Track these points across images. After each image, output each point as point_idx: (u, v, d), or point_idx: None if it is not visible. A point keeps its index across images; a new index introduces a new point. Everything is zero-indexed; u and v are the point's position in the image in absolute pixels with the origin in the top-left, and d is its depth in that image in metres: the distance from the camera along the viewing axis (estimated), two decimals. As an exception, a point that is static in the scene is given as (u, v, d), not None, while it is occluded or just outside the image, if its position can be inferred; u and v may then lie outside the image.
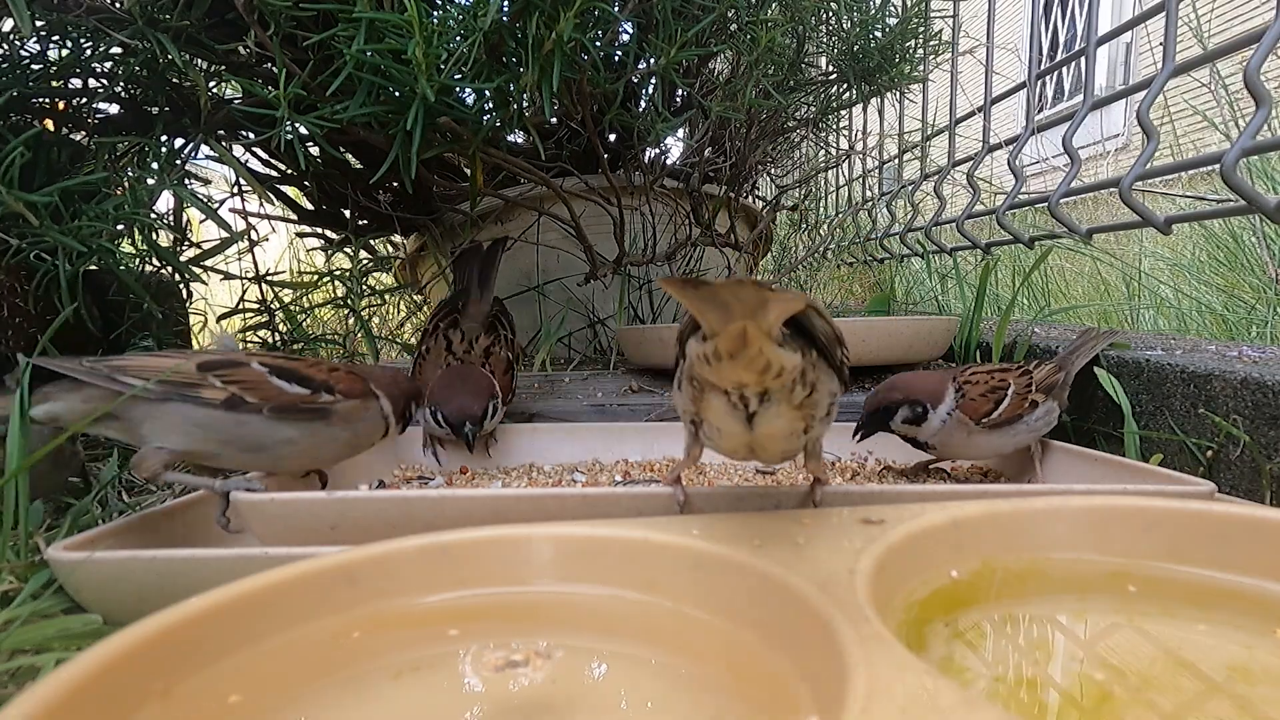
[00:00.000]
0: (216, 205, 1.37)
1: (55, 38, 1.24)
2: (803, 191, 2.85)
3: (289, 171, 1.75)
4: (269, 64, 1.26)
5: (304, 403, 0.84)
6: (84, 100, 1.36)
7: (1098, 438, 1.17)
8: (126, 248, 1.31)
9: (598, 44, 1.20)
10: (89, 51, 1.24)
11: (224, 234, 1.37)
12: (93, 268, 1.27)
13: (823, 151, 2.81)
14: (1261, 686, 0.47)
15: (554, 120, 1.73)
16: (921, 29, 1.80)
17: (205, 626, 0.47)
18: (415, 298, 2.16)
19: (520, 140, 1.83)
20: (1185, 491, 0.75)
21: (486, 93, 1.12)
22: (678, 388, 0.69)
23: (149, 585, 0.65)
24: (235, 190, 1.54)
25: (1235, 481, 0.93)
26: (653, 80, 1.54)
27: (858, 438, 1.08)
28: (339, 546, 0.58)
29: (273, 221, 1.80)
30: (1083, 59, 1.28)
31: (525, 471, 1.13)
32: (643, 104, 1.68)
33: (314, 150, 1.53)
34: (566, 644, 0.53)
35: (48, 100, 1.34)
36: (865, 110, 2.34)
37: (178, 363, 0.80)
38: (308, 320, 1.78)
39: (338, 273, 1.71)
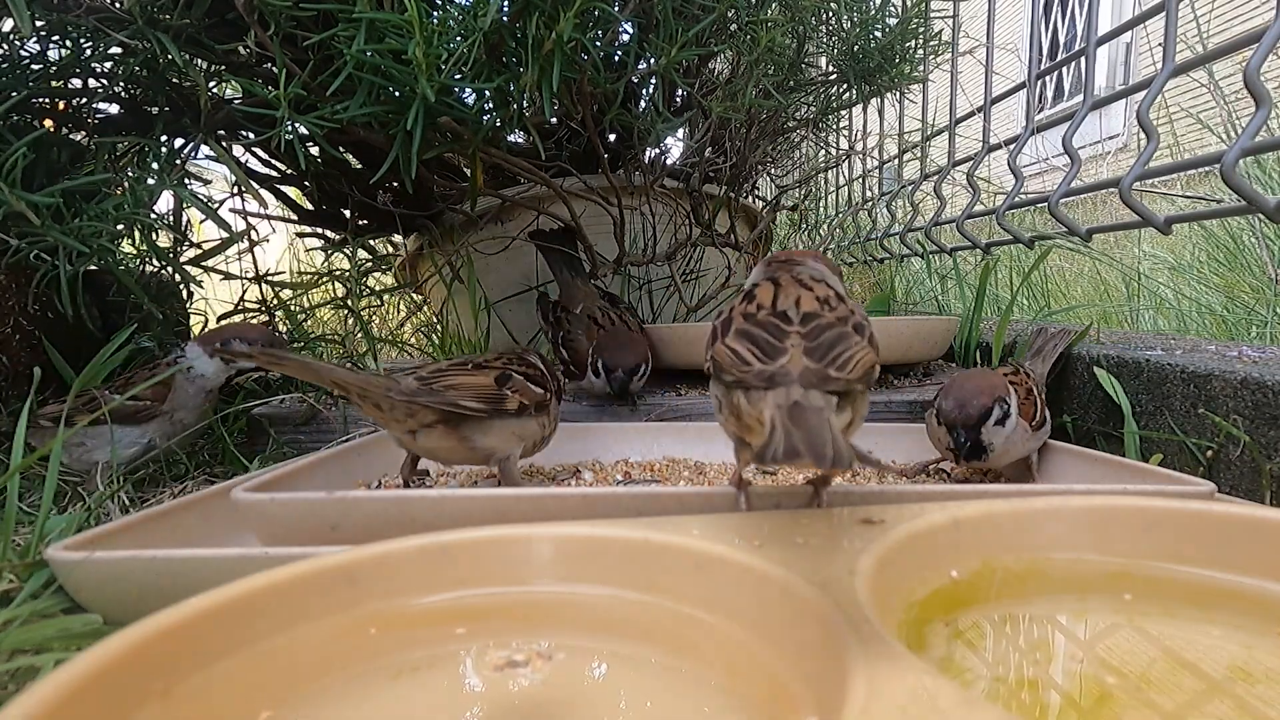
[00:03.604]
0: (216, 205, 1.36)
1: (55, 38, 1.24)
2: (803, 191, 2.85)
3: (289, 171, 1.75)
4: (269, 64, 1.26)
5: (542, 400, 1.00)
6: (84, 100, 1.36)
7: (1098, 438, 1.17)
8: (127, 248, 1.32)
9: (598, 44, 1.20)
10: (89, 51, 1.24)
11: (224, 234, 1.37)
12: (93, 268, 1.27)
13: (823, 151, 2.81)
14: (1261, 686, 0.47)
15: (554, 120, 1.73)
16: (921, 29, 1.80)
17: (205, 626, 0.47)
18: (415, 297, 2.16)
19: (520, 140, 1.83)
20: (1185, 491, 0.75)
21: (486, 93, 1.12)
22: (719, 410, 0.70)
23: (149, 585, 0.65)
24: (235, 190, 1.54)
25: (1235, 481, 0.93)
26: (653, 80, 1.54)
27: (962, 458, 0.96)
28: (339, 546, 0.58)
29: (273, 221, 1.80)
30: (1083, 59, 1.28)
31: (525, 471, 1.13)
32: (643, 104, 1.68)
33: (314, 150, 1.53)
34: (566, 644, 0.53)
35: (48, 100, 1.34)
36: (865, 110, 2.34)
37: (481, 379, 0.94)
38: (308, 320, 1.78)
39: (337, 273, 1.71)
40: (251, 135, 1.31)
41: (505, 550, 0.59)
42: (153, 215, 1.24)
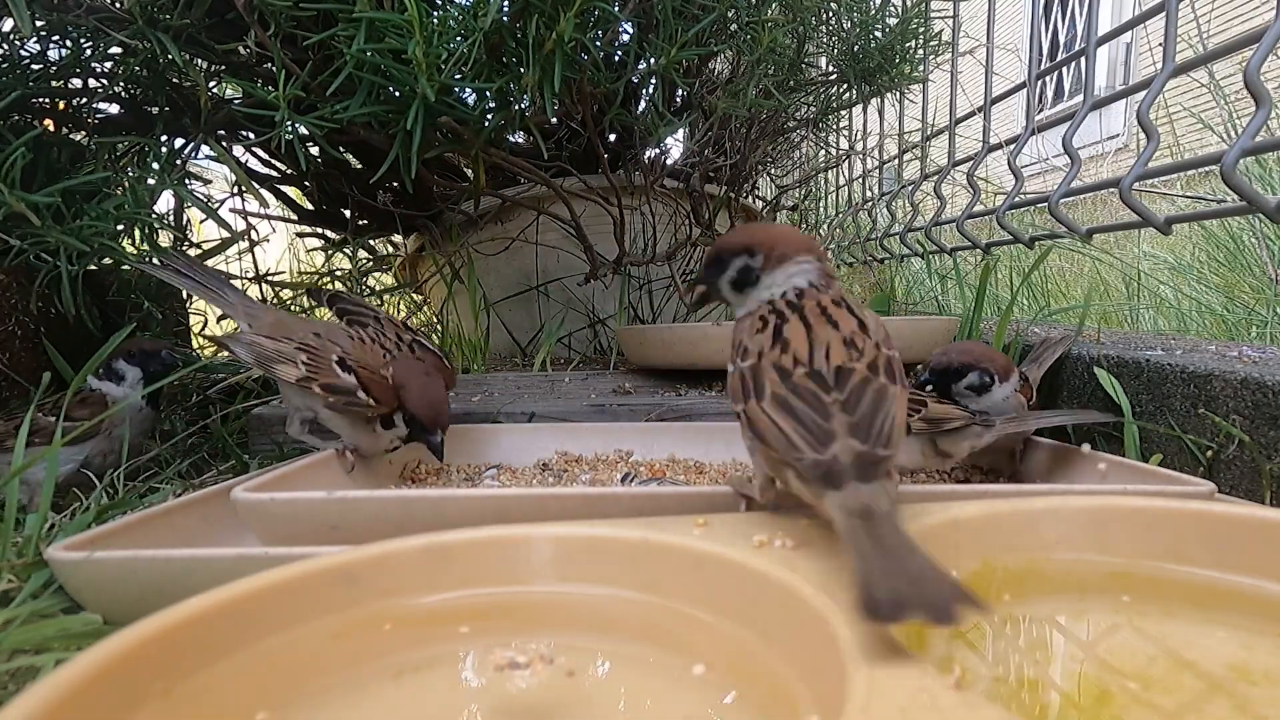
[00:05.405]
0: (216, 205, 1.37)
1: (55, 38, 1.24)
2: (803, 191, 2.85)
3: (289, 171, 1.75)
4: (269, 64, 1.26)
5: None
6: (84, 100, 1.36)
7: (1098, 438, 1.17)
8: (127, 247, 1.32)
9: (598, 44, 1.21)
10: (89, 51, 1.24)
11: (224, 234, 1.37)
12: (93, 268, 1.27)
13: (823, 151, 2.81)
14: (1261, 686, 0.47)
15: (554, 120, 1.73)
16: (921, 29, 1.80)
17: (205, 626, 0.47)
18: (415, 297, 2.16)
19: (521, 140, 1.83)
20: (1185, 491, 0.75)
21: (487, 93, 1.12)
22: (753, 454, 0.69)
23: (149, 585, 0.65)
24: (235, 190, 1.54)
25: (1235, 481, 0.93)
26: (653, 80, 1.54)
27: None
28: (339, 546, 0.58)
29: (273, 221, 1.80)
30: (1083, 59, 1.28)
31: (535, 469, 1.13)
32: (643, 104, 1.68)
33: (314, 150, 1.53)
34: (566, 644, 0.53)
35: (48, 100, 1.34)
36: (865, 110, 2.34)
37: None
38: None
39: (337, 273, 1.71)
40: (251, 135, 1.32)
41: (505, 550, 0.59)
42: (153, 215, 1.24)
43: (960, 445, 0.95)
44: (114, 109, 1.42)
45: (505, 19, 1.06)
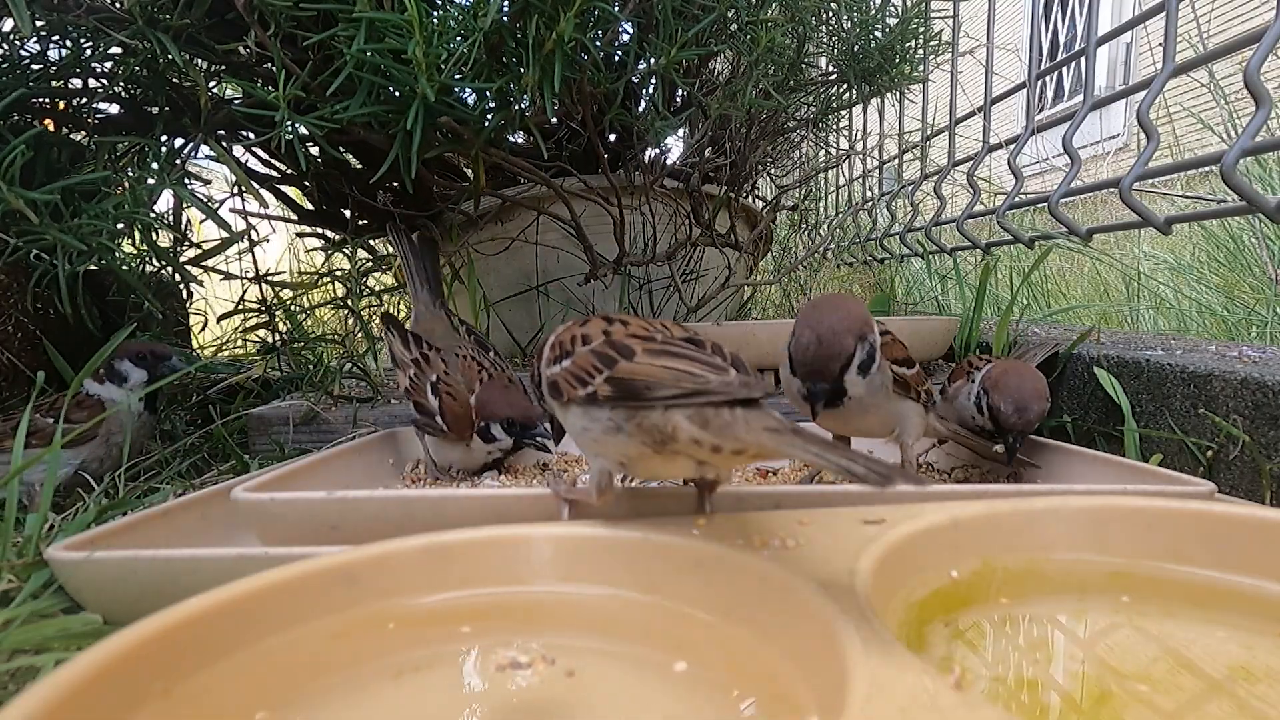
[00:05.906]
0: (216, 205, 1.37)
1: (55, 38, 1.24)
2: (803, 191, 2.85)
3: (289, 171, 1.74)
4: (269, 64, 1.26)
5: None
6: (84, 100, 1.36)
7: (1098, 438, 1.17)
8: (127, 247, 1.32)
9: (598, 44, 1.20)
10: (89, 51, 1.24)
11: (224, 234, 1.37)
12: (92, 268, 1.27)
13: (823, 151, 2.81)
14: (1261, 686, 0.47)
15: (554, 120, 1.73)
16: (921, 29, 1.80)
17: (205, 626, 0.47)
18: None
19: (521, 140, 1.83)
20: (1185, 491, 0.75)
21: (488, 93, 1.12)
22: (592, 447, 0.70)
23: (149, 585, 0.65)
24: (235, 190, 1.54)
25: (1235, 481, 0.93)
26: (653, 80, 1.54)
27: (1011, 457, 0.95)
28: (339, 546, 0.58)
29: (273, 221, 1.80)
30: (1083, 59, 1.28)
31: (535, 469, 1.13)
32: (643, 104, 1.68)
33: (314, 150, 1.53)
34: (566, 644, 0.53)
35: (48, 100, 1.34)
36: (865, 110, 2.34)
37: None
38: (308, 320, 1.78)
39: (338, 273, 1.71)
40: (251, 135, 1.31)
41: (505, 550, 0.59)
42: (153, 215, 1.24)
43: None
44: (114, 109, 1.42)
45: (505, 19, 1.06)
